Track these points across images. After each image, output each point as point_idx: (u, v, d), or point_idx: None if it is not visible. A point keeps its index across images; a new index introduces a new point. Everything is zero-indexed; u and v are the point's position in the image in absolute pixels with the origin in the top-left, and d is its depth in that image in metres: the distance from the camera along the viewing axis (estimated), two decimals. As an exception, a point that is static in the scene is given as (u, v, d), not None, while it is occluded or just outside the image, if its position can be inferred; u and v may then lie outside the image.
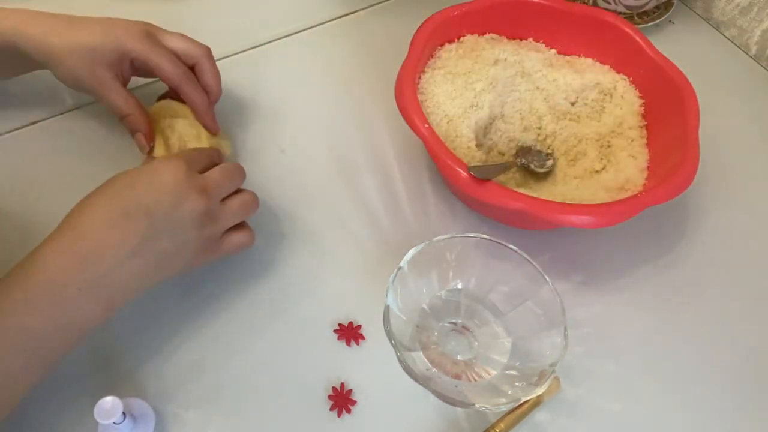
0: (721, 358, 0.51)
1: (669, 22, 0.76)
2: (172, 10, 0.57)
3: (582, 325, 0.51)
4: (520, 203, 0.47)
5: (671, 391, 0.49)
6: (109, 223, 0.40)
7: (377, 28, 0.72)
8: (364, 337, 0.49)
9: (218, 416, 0.45)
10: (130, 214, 0.41)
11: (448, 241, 0.47)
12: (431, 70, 0.59)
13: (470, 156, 0.55)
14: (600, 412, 0.47)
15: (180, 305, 0.49)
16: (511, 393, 0.43)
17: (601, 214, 0.48)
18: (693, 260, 0.56)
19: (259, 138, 0.61)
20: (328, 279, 0.52)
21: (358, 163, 0.60)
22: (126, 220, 0.40)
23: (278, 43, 0.70)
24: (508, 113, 0.60)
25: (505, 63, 0.61)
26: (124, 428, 0.41)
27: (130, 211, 0.41)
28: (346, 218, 0.56)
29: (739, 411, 0.48)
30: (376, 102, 0.64)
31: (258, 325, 0.49)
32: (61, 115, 0.60)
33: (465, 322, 0.49)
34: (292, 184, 0.58)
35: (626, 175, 0.54)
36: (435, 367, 0.45)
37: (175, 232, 0.42)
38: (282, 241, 0.54)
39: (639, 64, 0.60)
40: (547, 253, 0.54)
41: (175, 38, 0.53)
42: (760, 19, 0.71)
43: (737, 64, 0.73)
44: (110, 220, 0.40)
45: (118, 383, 0.46)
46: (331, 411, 0.46)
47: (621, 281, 0.54)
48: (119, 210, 0.41)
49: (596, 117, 0.60)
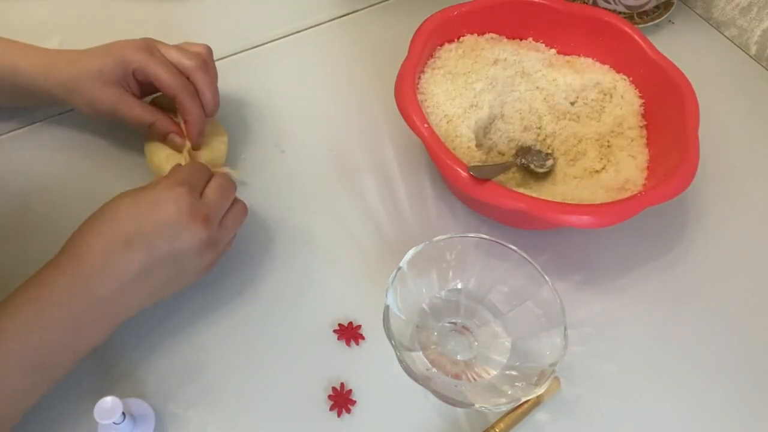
0: (721, 358, 0.51)
1: (669, 22, 0.76)
2: (172, 10, 0.57)
3: (582, 325, 0.51)
4: (520, 203, 0.47)
5: (671, 391, 0.49)
6: (110, 251, 0.41)
7: (377, 27, 0.72)
8: (364, 337, 0.49)
9: (218, 416, 0.45)
10: (130, 244, 0.41)
11: (448, 241, 0.47)
12: (431, 70, 0.59)
13: (470, 156, 0.55)
14: (600, 412, 0.47)
15: (180, 305, 0.49)
16: (511, 393, 0.43)
17: (601, 214, 0.48)
18: (693, 260, 0.56)
19: (259, 138, 0.61)
20: (328, 279, 0.52)
21: (358, 163, 0.60)
22: (126, 249, 0.41)
23: (278, 43, 0.70)
24: (508, 113, 0.60)
25: (505, 63, 0.61)
26: (123, 428, 0.41)
27: (131, 240, 0.41)
28: (346, 218, 0.56)
29: (739, 411, 0.48)
30: (376, 102, 0.64)
31: (258, 325, 0.49)
32: (60, 116, 0.60)
33: (465, 322, 0.49)
34: (292, 184, 0.58)
35: (626, 175, 0.54)
36: (435, 367, 0.45)
37: (176, 261, 0.43)
38: (282, 241, 0.54)
39: (639, 64, 0.60)
40: (547, 253, 0.54)
41: (173, 51, 0.53)
42: (760, 19, 0.71)
43: (737, 64, 0.73)
44: (111, 249, 0.41)
45: (118, 383, 0.46)
46: (331, 411, 0.46)
47: (621, 281, 0.54)
48: (120, 239, 0.41)
49: (596, 117, 0.60)
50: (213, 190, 0.46)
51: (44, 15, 0.69)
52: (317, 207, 0.56)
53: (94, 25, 0.68)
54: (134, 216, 0.42)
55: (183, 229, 0.42)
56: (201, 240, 0.43)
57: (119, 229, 0.41)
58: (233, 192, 0.48)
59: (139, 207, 0.42)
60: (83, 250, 0.41)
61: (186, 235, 0.42)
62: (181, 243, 0.42)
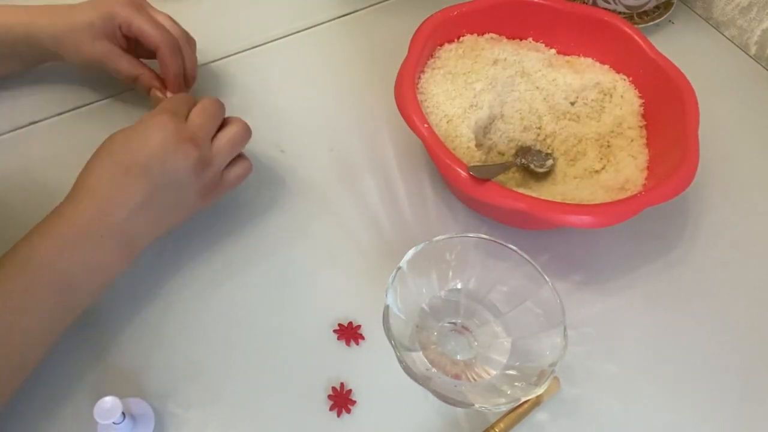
0: (721, 358, 0.51)
1: (669, 22, 0.76)
2: (172, 10, 0.57)
3: (582, 325, 0.51)
4: (520, 203, 0.47)
5: (671, 391, 0.49)
6: (114, 180, 0.44)
7: (377, 28, 0.72)
8: (364, 337, 0.49)
9: (218, 416, 0.45)
10: (129, 172, 0.44)
11: (448, 241, 0.47)
12: (431, 70, 0.59)
13: (470, 156, 0.55)
14: (600, 412, 0.47)
15: (180, 305, 0.49)
16: (511, 393, 0.43)
17: (601, 214, 0.48)
18: (693, 260, 0.56)
19: (259, 138, 0.60)
20: (328, 279, 0.52)
21: (358, 163, 0.60)
22: (127, 177, 0.44)
23: (278, 43, 0.70)
24: (508, 113, 0.60)
25: (505, 63, 0.61)
26: (123, 428, 0.41)
27: (128, 170, 0.44)
28: (345, 218, 0.56)
29: (739, 411, 0.48)
30: (376, 102, 0.64)
31: (258, 325, 0.49)
32: (59, 116, 0.60)
33: (465, 322, 0.49)
34: (292, 184, 0.58)
35: (626, 175, 0.54)
36: (435, 367, 0.45)
37: (174, 183, 0.46)
38: (282, 241, 0.54)
39: (639, 64, 0.60)
40: (547, 253, 0.54)
41: (161, 15, 0.56)
42: (760, 19, 0.71)
43: (737, 64, 0.73)
44: (114, 178, 0.44)
45: (118, 383, 0.46)
46: (331, 411, 0.46)
47: (621, 281, 0.54)
48: (120, 168, 0.44)
49: (596, 117, 0.60)
50: (196, 113, 0.48)
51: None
52: (317, 207, 0.56)
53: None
54: (127, 147, 0.45)
55: (173, 151, 0.45)
56: (192, 159, 0.46)
57: (117, 160, 0.45)
58: (219, 112, 0.50)
59: (130, 139, 0.45)
60: (89, 184, 0.44)
61: (177, 157, 0.45)
62: (173, 164, 0.45)
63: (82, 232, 0.42)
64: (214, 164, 0.48)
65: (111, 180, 0.44)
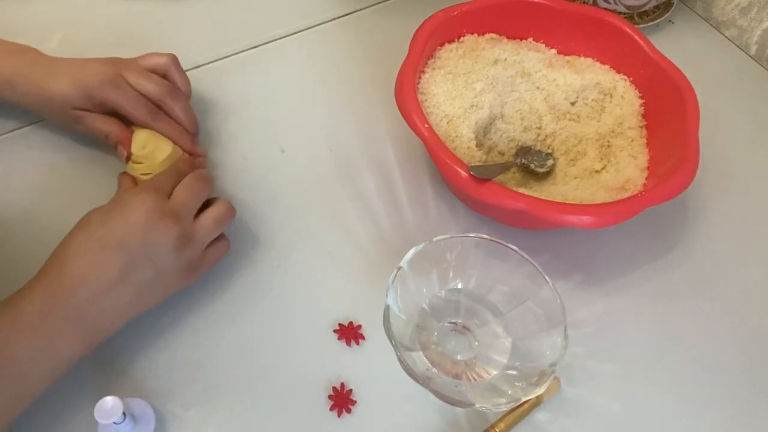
0: (721, 358, 0.51)
1: (669, 22, 0.76)
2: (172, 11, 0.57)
3: (582, 325, 0.51)
4: (520, 203, 0.47)
5: (672, 391, 0.49)
6: (87, 256, 0.42)
7: (377, 28, 0.72)
8: (364, 337, 0.49)
9: (218, 416, 0.45)
10: (105, 248, 0.42)
11: (448, 241, 0.47)
12: (431, 70, 0.59)
13: (470, 156, 0.55)
14: (600, 412, 0.47)
15: (180, 306, 0.49)
16: (511, 393, 0.43)
17: (601, 214, 0.48)
18: (693, 260, 0.56)
19: (259, 138, 0.61)
20: (328, 279, 0.52)
21: (358, 163, 0.60)
22: (102, 252, 0.42)
23: (278, 43, 0.70)
24: (508, 113, 0.60)
25: (505, 63, 0.61)
26: (124, 428, 0.41)
27: (105, 245, 0.42)
28: (346, 218, 0.56)
29: (739, 411, 0.48)
30: (376, 102, 0.64)
31: (258, 325, 0.49)
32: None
33: (465, 321, 0.49)
34: (292, 184, 0.58)
35: (626, 175, 0.54)
36: (435, 367, 0.45)
37: (153, 260, 0.43)
38: (282, 242, 0.54)
39: (639, 64, 0.60)
40: (547, 253, 0.54)
41: (141, 78, 0.53)
42: (760, 19, 0.71)
43: (737, 64, 0.73)
44: (88, 254, 0.42)
45: (118, 383, 0.46)
46: (331, 411, 0.46)
47: (621, 281, 0.54)
48: (96, 243, 0.42)
49: (596, 117, 0.60)
50: (180, 189, 0.47)
51: (44, 15, 0.69)
52: (317, 207, 0.56)
53: (94, 25, 0.68)
54: (105, 222, 0.43)
55: (153, 226, 0.43)
56: (173, 234, 0.44)
57: (94, 235, 0.43)
58: (204, 188, 0.49)
59: (110, 214, 0.44)
60: (61, 261, 0.42)
61: (158, 232, 0.43)
62: (153, 239, 0.43)
63: (42, 313, 0.40)
64: (195, 242, 0.46)
65: (85, 255, 0.42)
